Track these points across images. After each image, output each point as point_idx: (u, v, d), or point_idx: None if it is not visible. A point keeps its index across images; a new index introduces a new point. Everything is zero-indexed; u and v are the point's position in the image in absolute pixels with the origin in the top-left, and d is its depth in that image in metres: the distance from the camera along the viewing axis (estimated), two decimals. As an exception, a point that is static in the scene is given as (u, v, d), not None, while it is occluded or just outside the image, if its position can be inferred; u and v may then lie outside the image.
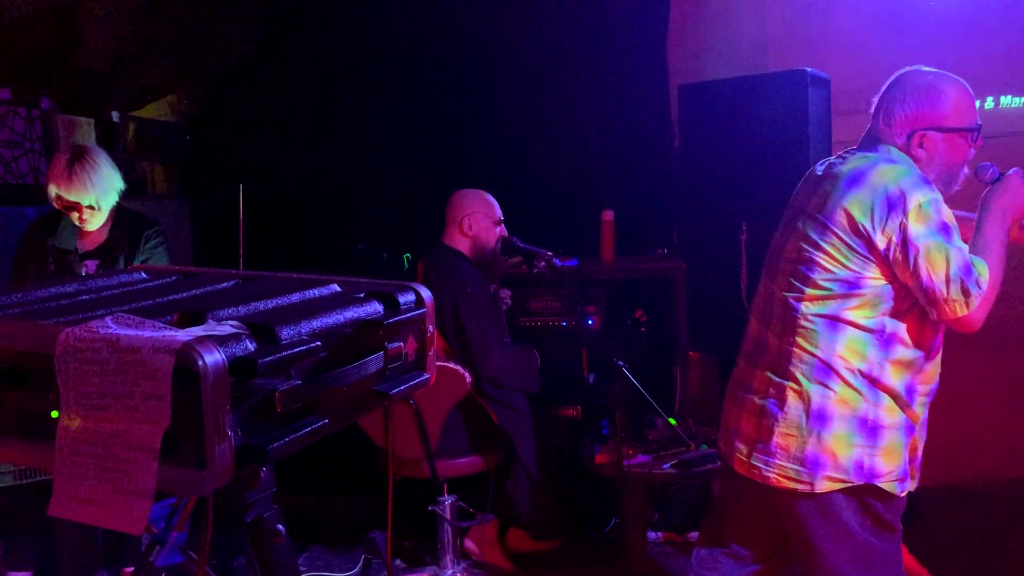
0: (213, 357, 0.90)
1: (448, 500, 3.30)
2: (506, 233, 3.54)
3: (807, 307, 2.03)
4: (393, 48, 4.55)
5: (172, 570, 2.91)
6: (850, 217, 1.96)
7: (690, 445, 3.53)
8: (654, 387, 3.55)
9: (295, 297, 1.21)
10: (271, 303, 1.16)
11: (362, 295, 1.24)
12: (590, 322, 4.03)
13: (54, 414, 0.96)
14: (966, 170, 2.13)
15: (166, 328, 0.97)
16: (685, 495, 3.99)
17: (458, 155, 4.47)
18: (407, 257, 4.24)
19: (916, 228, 1.90)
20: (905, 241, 1.91)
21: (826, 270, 2.00)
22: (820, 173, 2.14)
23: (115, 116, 4.22)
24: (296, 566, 1.21)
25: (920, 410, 2.13)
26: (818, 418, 2.01)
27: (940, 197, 1.97)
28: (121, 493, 0.89)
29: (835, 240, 1.98)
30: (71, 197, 2.84)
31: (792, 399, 2.03)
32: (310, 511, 4.09)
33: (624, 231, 4.36)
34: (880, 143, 2.08)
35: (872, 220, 1.93)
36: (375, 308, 1.22)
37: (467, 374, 3.20)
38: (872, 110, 2.14)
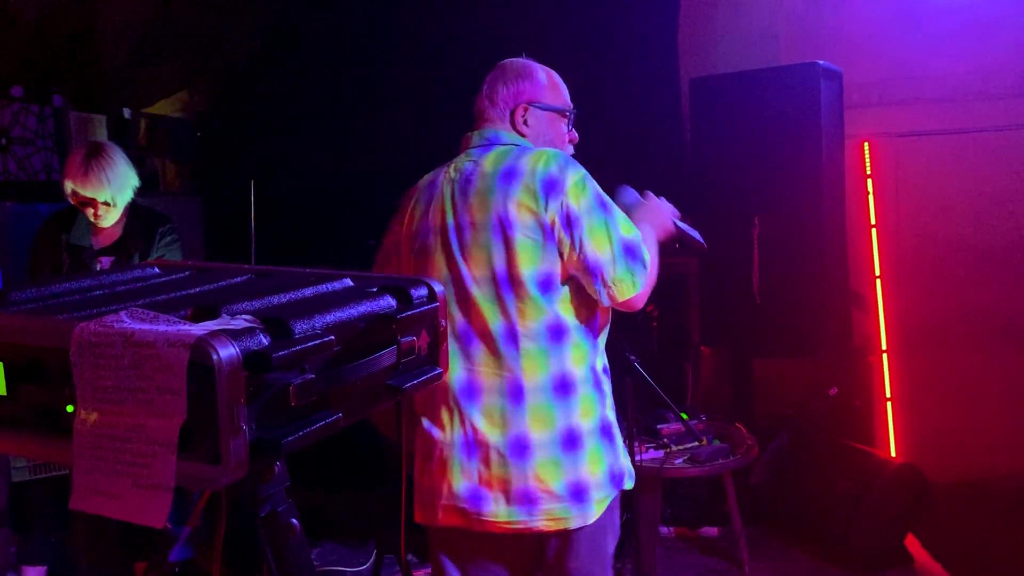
0: (227, 351, 0.90)
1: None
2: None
3: (524, 323, 1.84)
4: (403, 44, 4.55)
5: (185, 565, 2.92)
6: (528, 212, 1.83)
7: (702, 440, 3.52)
8: (666, 382, 3.54)
9: (308, 292, 1.21)
10: (284, 298, 1.16)
11: (375, 289, 1.24)
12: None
13: (69, 408, 0.96)
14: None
15: (180, 323, 0.97)
16: (697, 490, 3.99)
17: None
18: (418, 252, 4.23)
19: (577, 206, 1.83)
20: (568, 221, 1.82)
21: (528, 276, 1.84)
22: (449, 182, 1.97)
23: (127, 113, 4.23)
24: (310, 560, 1.21)
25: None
26: (570, 443, 1.85)
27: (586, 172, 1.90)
28: (141, 487, 0.89)
29: (523, 241, 1.83)
30: (87, 193, 2.86)
31: (538, 432, 1.85)
32: (323, 505, 4.10)
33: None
34: (499, 132, 2.01)
35: (542, 207, 1.82)
36: (388, 302, 1.21)
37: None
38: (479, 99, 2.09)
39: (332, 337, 1.05)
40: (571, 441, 1.86)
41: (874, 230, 4.35)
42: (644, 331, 4.06)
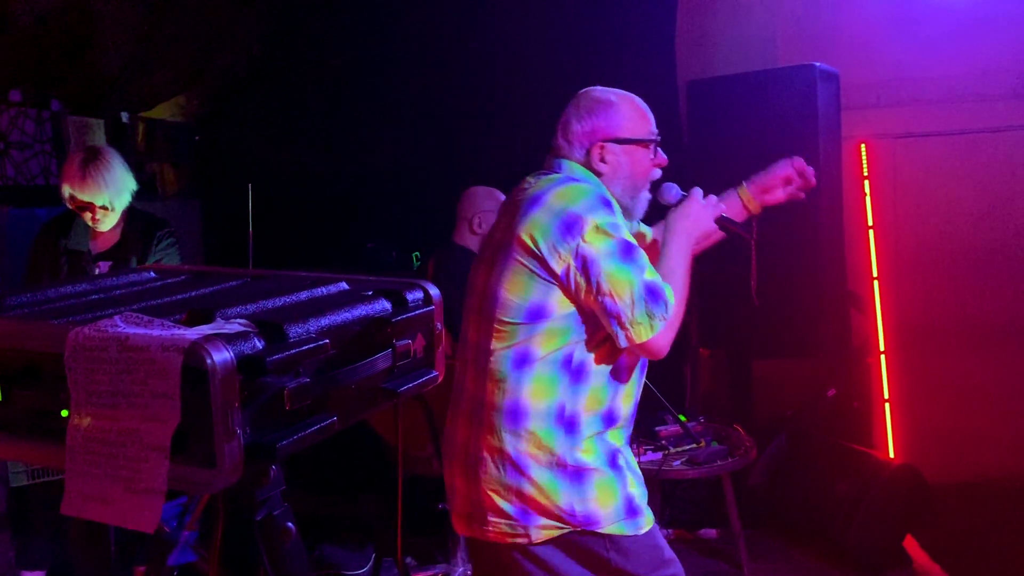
0: (221, 355, 0.91)
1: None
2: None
3: (494, 344, 1.88)
4: (401, 47, 4.55)
5: (184, 569, 2.92)
6: (529, 242, 1.84)
7: (700, 442, 3.52)
8: (664, 384, 3.54)
9: (303, 295, 1.21)
10: (279, 301, 1.16)
11: (370, 293, 1.24)
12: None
13: (65, 413, 0.96)
14: (648, 194, 2.06)
15: (175, 327, 0.97)
16: (695, 492, 3.99)
17: (466, 153, 4.47)
18: (416, 255, 4.24)
19: (594, 250, 1.81)
20: (585, 264, 1.81)
21: (510, 301, 1.86)
22: (509, 200, 2.02)
23: (125, 117, 4.24)
24: (307, 564, 1.21)
25: (619, 434, 1.97)
26: (515, 469, 1.86)
27: (619, 219, 1.88)
28: (133, 492, 0.89)
29: (517, 267, 1.86)
30: (85, 197, 2.86)
31: (488, 451, 1.88)
32: (320, 509, 4.10)
33: (633, 228, 4.35)
34: (563, 161, 2.00)
35: (549, 244, 1.82)
36: (383, 306, 1.22)
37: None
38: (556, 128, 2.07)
39: (327, 340, 1.06)
40: (516, 469, 1.86)
41: (872, 231, 4.35)
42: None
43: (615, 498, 1.90)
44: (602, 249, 1.81)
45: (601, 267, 1.81)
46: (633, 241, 1.87)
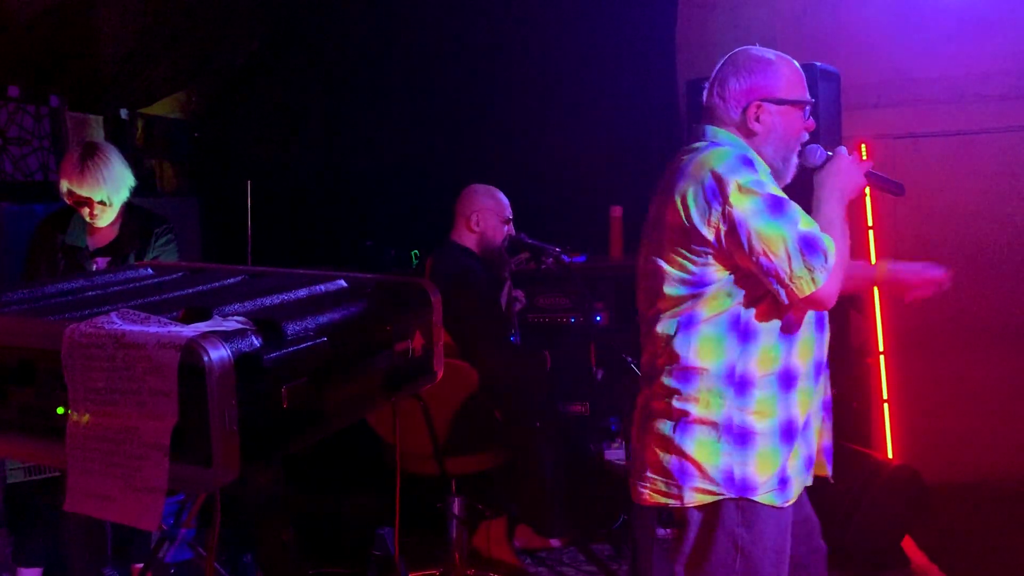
0: (218, 353, 0.90)
1: (456, 497, 3.30)
2: (514, 231, 3.53)
3: (664, 315, 1.92)
4: (401, 45, 4.54)
5: (181, 566, 2.91)
6: (681, 213, 1.85)
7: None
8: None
9: (302, 293, 1.20)
10: (277, 299, 1.16)
11: (369, 291, 1.24)
12: (598, 318, 4.01)
13: (60, 411, 0.96)
14: (796, 158, 2.04)
15: (171, 324, 0.97)
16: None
17: (466, 151, 4.46)
18: (415, 254, 4.23)
19: (740, 210, 1.79)
20: (734, 227, 1.80)
21: (671, 274, 1.89)
22: (664, 175, 2.04)
23: (123, 113, 4.22)
24: (303, 563, 1.20)
25: (805, 396, 1.94)
26: (680, 427, 1.89)
27: (763, 176, 1.87)
28: (133, 490, 0.88)
29: (673, 240, 1.88)
30: (83, 193, 2.85)
31: (657, 409, 1.93)
32: (317, 508, 4.09)
33: (633, 227, 4.31)
34: (711, 125, 2.00)
35: (698, 213, 1.83)
36: (382, 304, 1.21)
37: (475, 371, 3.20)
38: (705, 88, 2.06)
39: (325, 339, 1.05)
40: (682, 427, 1.89)
41: (871, 232, 4.34)
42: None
43: (774, 468, 1.89)
44: (749, 208, 1.79)
45: (751, 227, 1.79)
46: (782, 195, 1.85)
